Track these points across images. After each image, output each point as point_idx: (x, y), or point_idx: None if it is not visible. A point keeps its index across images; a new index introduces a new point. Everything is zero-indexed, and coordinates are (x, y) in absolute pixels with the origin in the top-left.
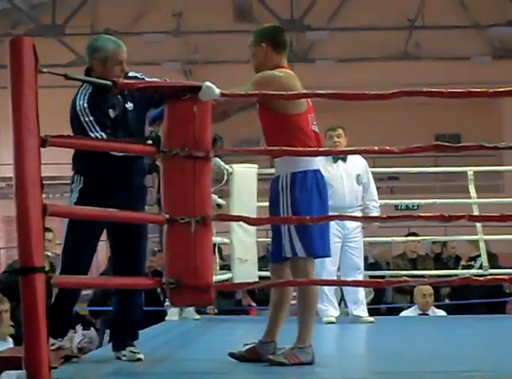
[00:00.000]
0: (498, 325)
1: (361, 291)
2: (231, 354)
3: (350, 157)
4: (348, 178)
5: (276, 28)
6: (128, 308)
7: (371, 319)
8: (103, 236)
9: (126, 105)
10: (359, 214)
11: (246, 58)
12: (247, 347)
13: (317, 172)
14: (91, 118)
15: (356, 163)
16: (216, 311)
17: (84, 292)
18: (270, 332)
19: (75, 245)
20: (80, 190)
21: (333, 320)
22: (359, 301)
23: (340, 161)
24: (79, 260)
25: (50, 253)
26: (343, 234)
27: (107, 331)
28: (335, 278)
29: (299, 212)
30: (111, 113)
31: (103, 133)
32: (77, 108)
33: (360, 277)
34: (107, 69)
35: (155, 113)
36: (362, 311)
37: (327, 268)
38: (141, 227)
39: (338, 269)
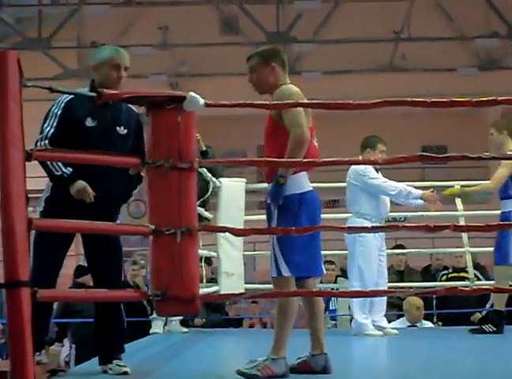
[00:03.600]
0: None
1: (384, 302)
2: None
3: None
4: None
5: (278, 48)
6: (111, 321)
7: (395, 331)
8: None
9: (118, 128)
10: None
11: (233, 71)
12: (300, 359)
13: (303, 194)
14: (58, 112)
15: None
16: (203, 321)
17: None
18: (316, 343)
19: (43, 257)
20: (45, 199)
21: (379, 333)
22: (382, 311)
23: (380, 172)
24: (48, 271)
25: None
26: (380, 244)
27: (73, 345)
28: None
29: (281, 237)
30: (89, 122)
31: (51, 130)
32: (57, 99)
33: (386, 286)
34: (103, 73)
35: None
36: (386, 322)
37: (373, 277)
38: (114, 239)
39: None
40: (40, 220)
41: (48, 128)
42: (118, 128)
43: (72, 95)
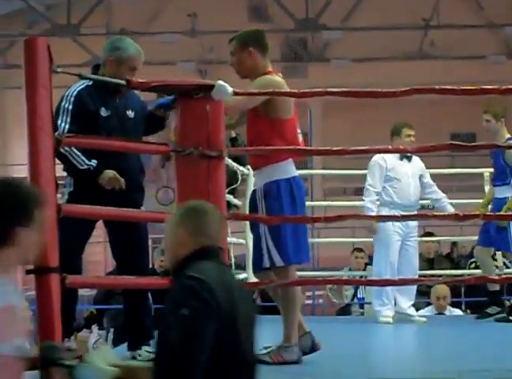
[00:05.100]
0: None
1: (413, 290)
2: None
3: (413, 157)
4: (413, 177)
5: (259, 31)
6: (140, 308)
7: (423, 319)
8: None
9: (127, 112)
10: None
11: None
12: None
13: (290, 180)
14: (69, 107)
15: (419, 163)
16: None
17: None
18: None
19: (66, 244)
20: (69, 193)
21: (390, 320)
22: (410, 299)
23: (405, 159)
24: (72, 258)
25: None
26: (404, 232)
27: (111, 329)
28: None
29: (271, 225)
30: (103, 111)
31: (66, 126)
32: (65, 93)
33: (416, 275)
34: (120, 70)
35: (162, 100)
36: (413, 310)
37: (392, 266)
38: (140, 226)
39: None
40: (69, 206)
41: (63, 124)
42: (127, 112)
43: (80, 87)
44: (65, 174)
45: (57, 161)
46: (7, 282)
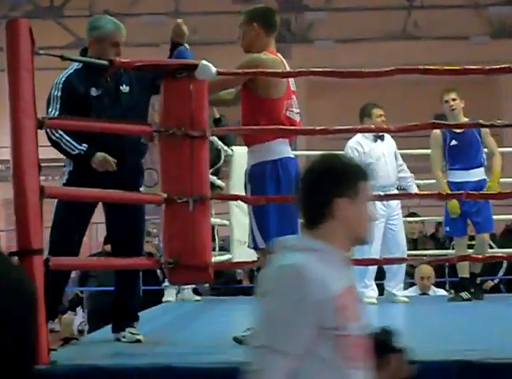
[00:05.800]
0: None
1: (402, 270)
2: None
3: (385, 136)
4: (389, 156)
5: (269, 9)
6: (130, 290)
7: (406, 299)
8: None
9: (121, 87)
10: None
11: None
12: None
13: (277, 162)
14: (58, 94)
15: (391, 141)
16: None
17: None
18: None
19: (64, 226)
20: (69, 172)
21: (375, 301)
22: (399, 279)
23: (379, 140)
24: (68, 240)
25: None
26: (387, 212)
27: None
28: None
29: (255, 205)
30: (94, 91)
31: (56, 113)
32: (55, 81)
33: (404, 254)
34: (103, 49)
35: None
36: (399, 290)
37: (374, 247)
38: (138, 208)
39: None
40: (53, 188)
41: (53, 111)
42: (121, 87)
43: (68, 73)
44: (53, 156)
45: (48, 144)
46: (345, 260)
